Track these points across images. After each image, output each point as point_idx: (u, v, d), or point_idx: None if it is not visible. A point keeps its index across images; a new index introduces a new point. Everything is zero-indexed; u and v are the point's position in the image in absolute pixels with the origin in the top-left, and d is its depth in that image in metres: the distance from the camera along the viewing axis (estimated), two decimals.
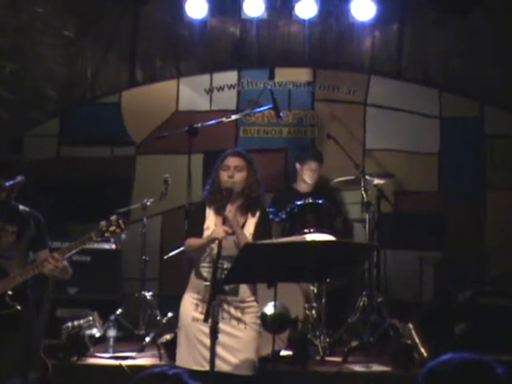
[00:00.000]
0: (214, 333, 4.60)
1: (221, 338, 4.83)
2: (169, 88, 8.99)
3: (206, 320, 4.53)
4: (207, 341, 4.82)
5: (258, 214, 5.29)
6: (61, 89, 8.93)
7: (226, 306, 5.10)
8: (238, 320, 5.16)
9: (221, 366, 4.94)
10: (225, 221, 5.06)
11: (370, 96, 8.85)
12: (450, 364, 2.89)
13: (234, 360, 5.08)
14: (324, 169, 8.13)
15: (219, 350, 4.88)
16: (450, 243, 8.52)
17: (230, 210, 5.19)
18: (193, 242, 5.27)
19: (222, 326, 4.88)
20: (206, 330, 4.87)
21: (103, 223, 5.26)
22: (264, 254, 4.58)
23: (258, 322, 5.24)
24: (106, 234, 5.27)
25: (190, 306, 5.23)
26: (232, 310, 5.15)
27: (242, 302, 5.19)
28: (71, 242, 5.30)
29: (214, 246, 5.04)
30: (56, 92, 8.91)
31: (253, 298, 5.25)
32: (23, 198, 5.52)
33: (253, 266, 4.59)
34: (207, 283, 5.05)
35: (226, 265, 5.00)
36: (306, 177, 7.94)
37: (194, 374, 4.64)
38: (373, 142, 8.79)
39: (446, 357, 2.92)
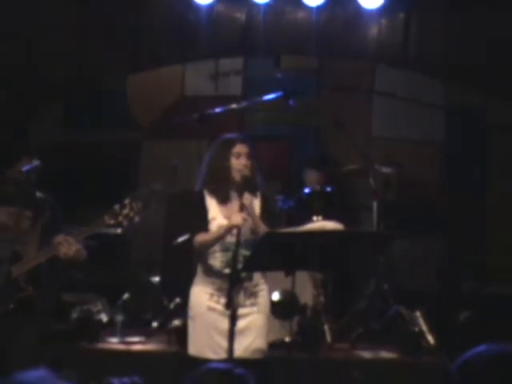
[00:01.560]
0: (233, 320, 4.64)
1: (238, 323, 4.88)
2: (174, 73, 8.99)
3: (228, 308, 4.55)
4: (224, 329, 4.87)
5: (258, 197, 5.28)
6: (65, 73, 8.90)
7: (242, 292, 5.10)
8: (252, 304, 5.17)
9: (240, 352, 4.95)
10: (242, 208, 5.05)
11: (376, 84, 8.87)
12: (484, 355, 2.89)
13: (248, 343, 5.09)
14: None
15: (237, 336, 4.90)
16: (455, 232, 8.54)
17: (246, 197, 5.14)
18: (204, 237, 5.16)
19: (239, 311, 4.93)
20: (223, 318, 4.91)
21: (117, 206, 5.23)
22: (284, 242, 4.61)
23: (269, 305, 5.28)
24: (120, 218, 5.23)
25: (204, 295, 5.18)
26: (247, 296, 5.15)
27: (256, 285, 5.21)
28: (80, 226, 5.31)
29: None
30: (60, 76, 8.88)
31: (263, 280, 5.28)
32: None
33: (272, 254, 4.62)
34: (227, 270, 5.04)
35: (242, 251, 4.97)
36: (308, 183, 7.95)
37: (210, 362, 4.73)
38: (379, 130, 8.82)
39: (479, 348, 2.92)
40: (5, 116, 8.36)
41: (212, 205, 5.22)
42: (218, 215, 5.19)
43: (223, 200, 5.22)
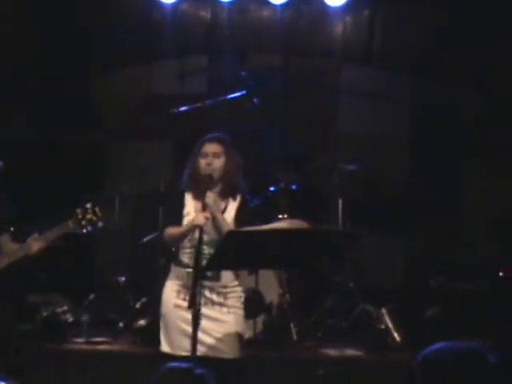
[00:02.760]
0: (195, 319, 4.62)
1: (204, 323, 4.87)
2: (141, 72, 8.95)
3: (190, 307, 4.53)
4: (189, 327, 4.86)
5: (238, 198, 5.33)
6: (33, 73, 8.81)
7: (207, 292, 5.10)
8: (221, 305, 5.18)
9: (207, 351, 4.98)
10: (205, 207, 5.08)
11: (341, 81, 8.88)
12: (442, 352, 2.91)
13: (218, 345, 5.11)
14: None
15: (203, 336, 4.92)
16: (423, 229, 8.55)
17: (209, 196, 5.18)
18: (173, 230, 5.28)
19: (204, 311, 4.91)
20: (188, 316, 4.90)
21: (79, 211, 5.25)
22: (247, 240, 4.59)
23: (242, 305, 5.29)
24: (83, 222, 5.27)
25: (172, 292, 5.24)
26: (214, 296, 5.16)
27: (225, 287, 5.22)
28: (45, 229, 5.29)
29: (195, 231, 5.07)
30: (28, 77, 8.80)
31: (236, 283, 5.29)
32: None
33: (235, 253, 4.60)
34: (189, 270, 5.05)
35: (207, 250, 5.00)
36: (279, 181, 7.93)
37: (182, 359, 4.72)
38: (345, 127, 8.82)
39: (438, 345, 2.95)
40: None
41: (189, 200, 5.31)
42: (191, 210, 5.26)
43: (196, 197, 5.27)
